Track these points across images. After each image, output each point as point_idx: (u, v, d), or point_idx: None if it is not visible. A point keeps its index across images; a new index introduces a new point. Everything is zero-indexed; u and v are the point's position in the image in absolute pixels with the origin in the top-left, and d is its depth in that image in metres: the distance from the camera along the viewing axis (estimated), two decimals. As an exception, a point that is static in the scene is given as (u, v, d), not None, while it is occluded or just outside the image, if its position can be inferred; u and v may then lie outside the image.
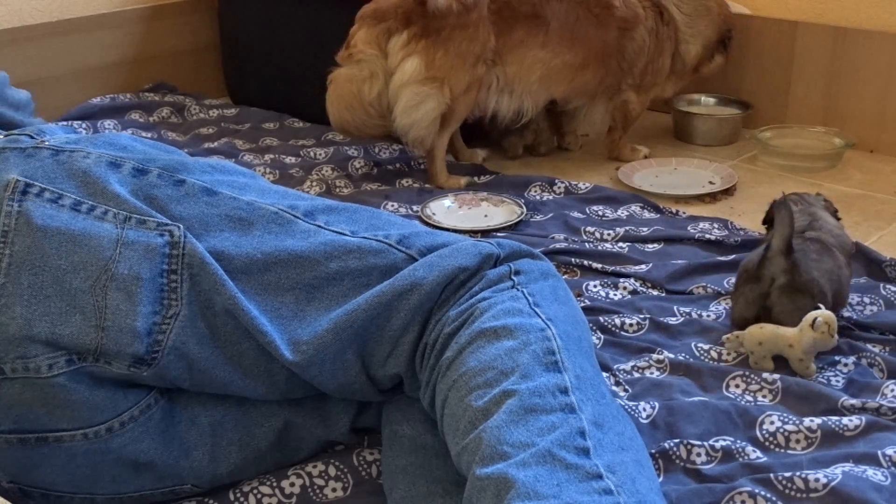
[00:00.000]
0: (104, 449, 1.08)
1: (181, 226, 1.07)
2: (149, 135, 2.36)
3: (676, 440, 1.19)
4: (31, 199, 1.04)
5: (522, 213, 1.91)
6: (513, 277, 1.14)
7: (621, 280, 1.64)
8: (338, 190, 2.07)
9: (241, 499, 1.14)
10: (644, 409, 1.25)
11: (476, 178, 2.13)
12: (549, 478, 0.89)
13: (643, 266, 1.67)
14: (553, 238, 1.80)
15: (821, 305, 1.50)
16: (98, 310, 1.02)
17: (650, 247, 1.77)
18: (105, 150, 1.11)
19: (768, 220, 1.55)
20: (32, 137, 1.12)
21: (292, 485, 1.15)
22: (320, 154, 2.25)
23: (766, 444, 1.20)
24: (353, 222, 1.17)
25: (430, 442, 1.12)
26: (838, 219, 1.58)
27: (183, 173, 1.13)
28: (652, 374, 1.36)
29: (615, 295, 1.61)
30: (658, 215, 1.95)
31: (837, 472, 1.10)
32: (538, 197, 2.03)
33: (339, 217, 1.18)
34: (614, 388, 1.33)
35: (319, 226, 1.15)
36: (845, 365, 1.37)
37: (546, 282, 1.16)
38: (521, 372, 1.00)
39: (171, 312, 1.05)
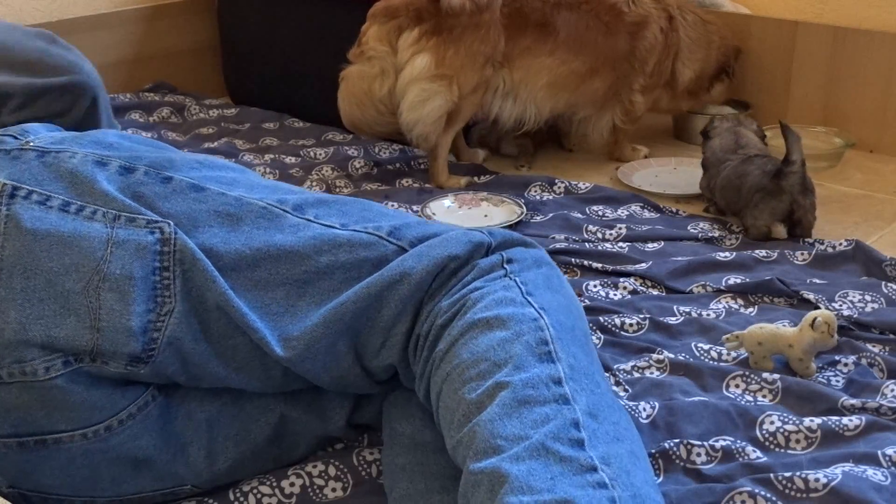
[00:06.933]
0: (103, 448, 1.08)
1: (171, 222, 1.07)
2: (149, 135, 2.36)
3: (676, 440, 1.19)
4: (19, 202, 1.04)
5: (522, 213, 1.91)
6: (505, 266, 1.13)
7: (621, 280, 1.64)
8: (338, 190, 2.07)
9: (241, 498, 1.14)
10: (644, 409, 1.25)
11: (476, 178, 2.13)
12: (543, 471, 0.89)
13: (643, 264, 1.67)
14: (553, 238, 1.80)
15: (820, 304, 1.50)
16: (92, 311, 1.02)
17: (650, 246, 1.77)
18: (91, 150, 1.10)
19: (705, 133, 1.99)
20: (16, 138, 1.11)
21: (292, 485, 1.15)
22: (320, 154, 2.25)
23: (766, 444, 1.20)
24: (343, 215, 1.16)
25: (429, 438, 1.12)
26: (765, 144, 1.96)
27: (170, 170, 1.12)
28: (652, 374, 1.36)
29: (615, 295, 1.61)
30: (658, 215, 1.95)
31: (837, 472, 1.09)
32: (538, 197, 2.03)
33: (330, 210, 1.16)
34: (614, 388, 1.32)
35: (309, 220, 1.14)
36: (845, 365, 1.37)
37: (539, 270, 1.15)
38: (514, 363, 0.99)
39: (165, 309, 1.05)
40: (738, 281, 1.61)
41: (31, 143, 1.10)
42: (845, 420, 1.20)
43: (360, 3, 2.10)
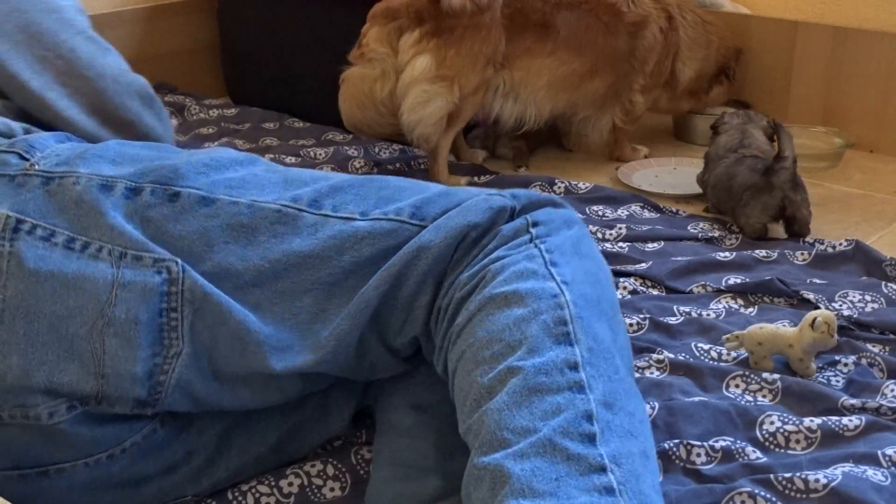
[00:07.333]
0: (105, 474, 1.07)
1: (179, 260, 1.02)
2: (148, 135, 2.35)
3: (676, 440, 1.19)
4: (22, 237, 1.00)
5: (522, 212, 1.90)
6: (530, 230, 1.06)
7: (621, 280, 1.64)
8: (337, 190, 2.06)
9: (240, 498, 1.14)
10: (644, 409, 1.25)
11: (476, 178, 2.12)
12: (547, 471, 0.86)
13: (643, 264, 1.67)
14: (553, 238, 1.80)
15: (821, 304, 1.50)
16: (96, 356, 0.99)
17: (650, 246, 1.77)
18: (95, 169, 1.06)
19: (714, 128, 2.00)
20: (22, 157, 1.06)
21: (290, 484, 1.15)
22: (320, 154, 2.25)
23: (766, 444, 1.20)
24: (361, 200, 1.09)
25: (406, 423, 1.11)
26: (772, 140, 1.92)
27: (177, 182, 1.06)
28: (652, 374, 1.35)
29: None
30: (658, 215, 1.94)
31: (837, 472, 1.09)
32: (538, 197, 2.02)
33: (346, 197, 1.10)
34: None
35: (326, 214, 1.07)
36: (845, 365, 1.36)
37: (569, 231, 1.08)
38: (528, 346, 0.95)
39: (172, 352, 1.02)
40: (738, 281, 1.61)
41: (36, 167, 1.05)
42: (845, 420, 1.20)
43: (361, 3, 2.10)
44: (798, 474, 1.09)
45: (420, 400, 1.13)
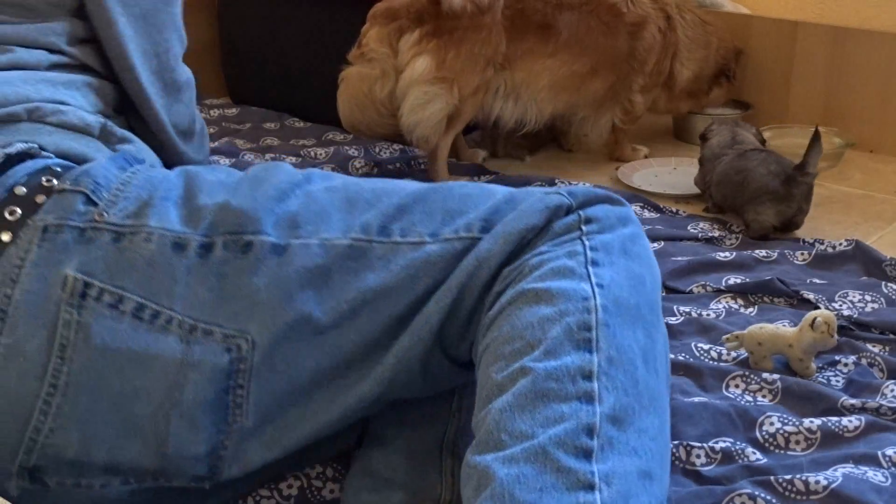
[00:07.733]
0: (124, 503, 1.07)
1: (250, 336, 0.98)
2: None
3: (676, 441, 1.18)
4: (90, 305, 0.96)
5: (522, 213, 1.90)
6: (582, 227, 1.02)
7: (621, 280, 1.64)
8: (337, 190, 2.06)
9: (240, 501, 1.14)
10: (643, 410, 1.25)
11: (476, 178, 2.12)
12: (533, 480, 0.84)
13: (643, 266, 1.67)
14: (553, 238, 1.80)
15: (820, 304, 1.50)
16: (158, 436, 0.97)
17: (650, 246, 1.77)
18: (166, 223, 1.00)
19: (703, 137, 2.00)
20: (90, 200, 1.00)
21: (290, 486, 1.15)
22: (321, 154, 2.25)
23: (766, 445, 1.20)
24: (428, 218, 1.04)
25: (384, 434, 1.10)
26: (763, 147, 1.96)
27: (248, 228, 1.01)
28: (651, 374, 1.35)
29: (615, 295, 1.60)
30: (658, 215, 1.95)
31: (838, 473, 1.09)
32: (538, 197, 2.02)
33: (413, 217, 1.04)
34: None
35: (396, 242, 1.02)
36: (845, 365, 1.36)
37: (623, 229, 1.04)
38: (545, 347, 0.92)
39: (235, 427, 0.99)
40: (738, 281, 1.61)
41: (105, 217, 1.00)
42: (845, 421, 1.20)
43: (361, 3, 2.10)
44: (798, 476, 1.09)
45: (404, 413, 1.12)
